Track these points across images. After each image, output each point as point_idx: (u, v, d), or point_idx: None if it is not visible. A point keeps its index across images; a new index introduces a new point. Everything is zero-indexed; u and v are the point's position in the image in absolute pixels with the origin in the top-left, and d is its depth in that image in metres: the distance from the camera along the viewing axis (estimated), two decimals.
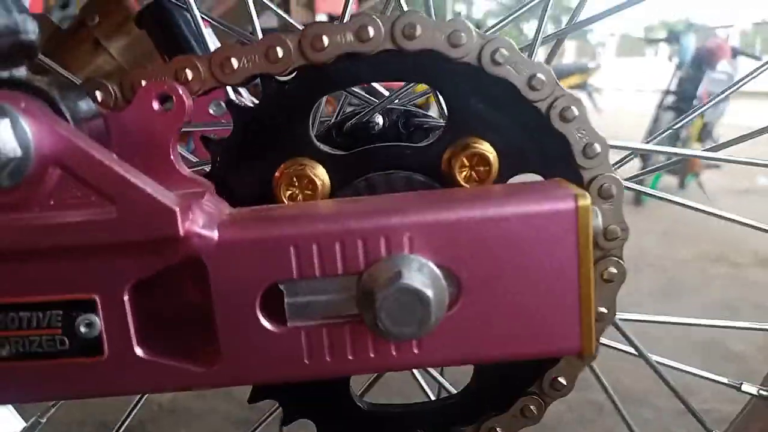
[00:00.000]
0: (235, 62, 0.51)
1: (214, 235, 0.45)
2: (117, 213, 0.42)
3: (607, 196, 0.53)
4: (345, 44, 0.50)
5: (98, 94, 0.51)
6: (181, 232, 0.43)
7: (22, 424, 0.95)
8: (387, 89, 0.74)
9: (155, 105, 0.48)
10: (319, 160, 0.54)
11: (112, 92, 0.52)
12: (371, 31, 0.49)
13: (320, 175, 0.53)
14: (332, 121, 0.68)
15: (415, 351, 0.47)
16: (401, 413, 0.61)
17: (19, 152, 0.41)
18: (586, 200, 0.45)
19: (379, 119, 0.69)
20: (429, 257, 0.45)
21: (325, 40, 0.50)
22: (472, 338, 0.47)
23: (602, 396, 0.69)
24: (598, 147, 0.52)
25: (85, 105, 0.47)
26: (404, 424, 0.60)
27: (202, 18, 0.74)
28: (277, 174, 0.53)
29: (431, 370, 0.81)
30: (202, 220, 0.45)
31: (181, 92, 0.48)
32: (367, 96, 0.72)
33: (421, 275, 0.44)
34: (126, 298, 0.46)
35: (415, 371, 0.84)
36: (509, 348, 0.47)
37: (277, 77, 0.52)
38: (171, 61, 0.51)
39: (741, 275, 2.93)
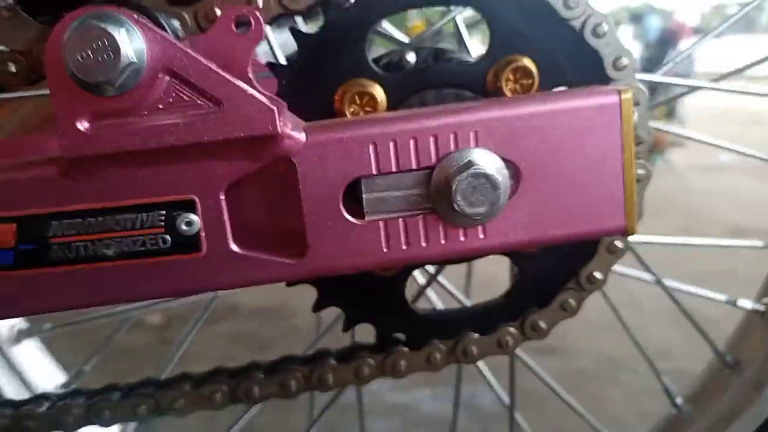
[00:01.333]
0: None
1: (302, 136, 0.50)
2: (222, 113, 0.47)
3: (634, 104, 0.60)
4: None
5: (175, 22, 0.56)
6: (279, 131, 0.48)
7: (64, 376, 0.98)
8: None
9: (234, 28, 0.53)
10: (376, 80, 0.59)
11: (188, 21, 0.57)
12: None
13: (378, 93, 0.59)
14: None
15: (481, 236, 0.53)
16: (452, 316, 0.67)
17: (134, 58, 0.45)
18: (628, 94, 0.52)
19: (411, 57, 0.75)
20: (493, 150, 0.51)
21: None
22: (531, 223, 0.53)
23: (586, 363, 0.74)
24: (625, 60, 0.59)
25: (176, 25, 0.52)
26: (455, 325, 0.66)
27: None
28: (338, 93, 0.59)
29: (449, 286, 0.87)
30: (291, 124, 0.50)
31: (258, 15, 0.53)
32: (396, 38, 0.78)
33: (488, 163, 0.50)
34: (222, 197, 0.51)
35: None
36: (564, 229, 0.53)
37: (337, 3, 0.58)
38: None
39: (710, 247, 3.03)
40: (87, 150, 0.47)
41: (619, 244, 0.63)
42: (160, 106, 0.48)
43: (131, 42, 0.45)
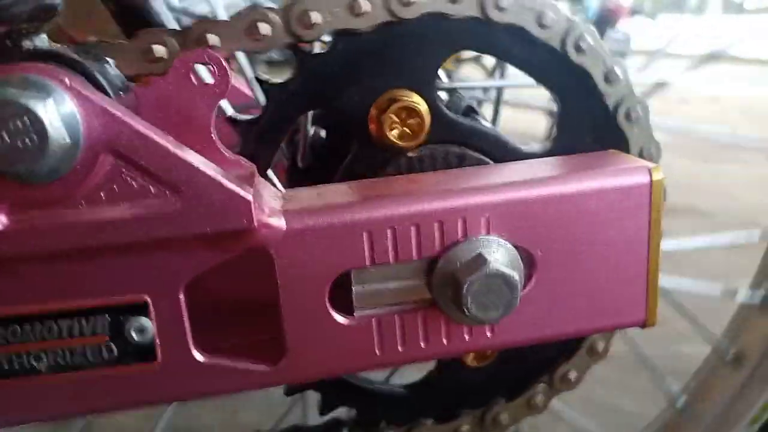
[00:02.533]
0: (316, 16, 0.46)
1: (282, 224, 0.41)
2: (182, 204, 0.38)
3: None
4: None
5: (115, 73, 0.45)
6: (255, 223, 0.39)
7: None
8: None
9: (193, 78, 0.43)
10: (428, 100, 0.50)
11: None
12: None
13: (425, 113, 0.50)
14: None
15: (488, 334, 0.46)
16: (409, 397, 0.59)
17: (66, 138, 0.35)
18: (659, 174, 0.45)
19: None
20: (506, 237, 0.44)
21: None
22: (544, 318, 0.46)
23: None
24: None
25: (117, 78, 0.41)
26: (411, 408, 0.58)
27: None
28: (379, 102, 0.50)
29: None
30: (268, 208, 0.41)
31: (223, 62, 0.43)
32: None
33: (502, 257, 0.43)
34: (181, 296, 0.41)
35: None
36: (578, 324, 0.47)
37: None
38: (243, 14, 0.46)
39: None
40: (6, 250, 0.37)
41: (600, 346, 0.57)
42: (102, 195, 0.37)
43: (61, 117, 0.35)
